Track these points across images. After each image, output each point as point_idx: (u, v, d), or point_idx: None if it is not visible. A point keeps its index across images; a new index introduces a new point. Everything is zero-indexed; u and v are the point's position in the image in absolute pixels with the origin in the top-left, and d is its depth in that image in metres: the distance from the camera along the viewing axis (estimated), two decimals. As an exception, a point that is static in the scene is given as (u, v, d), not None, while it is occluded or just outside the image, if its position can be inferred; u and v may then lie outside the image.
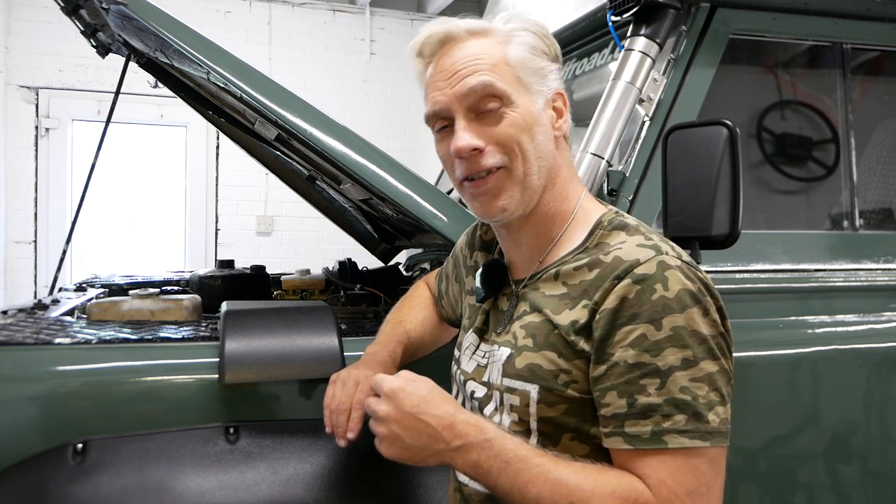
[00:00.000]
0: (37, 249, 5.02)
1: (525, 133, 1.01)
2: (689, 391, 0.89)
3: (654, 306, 0.91)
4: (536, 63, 1.04)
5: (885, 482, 1.64)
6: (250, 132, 1.93)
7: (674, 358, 0.90)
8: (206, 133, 5.32)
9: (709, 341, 0.91)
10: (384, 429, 0.96)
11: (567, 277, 1.01)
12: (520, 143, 1.01)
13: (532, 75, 1.04)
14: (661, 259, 0.93)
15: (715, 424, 0.89)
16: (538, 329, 1.01)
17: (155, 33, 1.46)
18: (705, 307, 0.92)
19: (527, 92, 1.03)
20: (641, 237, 0.99)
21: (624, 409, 0.91)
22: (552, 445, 0.98)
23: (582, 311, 0.96)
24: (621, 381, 0.91)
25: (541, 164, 1.03)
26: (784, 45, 1.83)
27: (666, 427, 0.89)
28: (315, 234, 5.42)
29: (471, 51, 1.03)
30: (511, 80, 1.02)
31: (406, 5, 6.08)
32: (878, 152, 1.90)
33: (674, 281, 0.92)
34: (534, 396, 0.98)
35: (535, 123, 1.02)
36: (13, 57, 4.95)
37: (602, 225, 1.04)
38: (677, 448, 0.88)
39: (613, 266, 0.95)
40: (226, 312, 1.34)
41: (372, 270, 2.49)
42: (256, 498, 1.18)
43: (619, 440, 0.91)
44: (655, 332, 0.90)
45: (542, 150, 1.03)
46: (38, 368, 1.22)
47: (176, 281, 2.51)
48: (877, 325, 1.71)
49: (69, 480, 1.14)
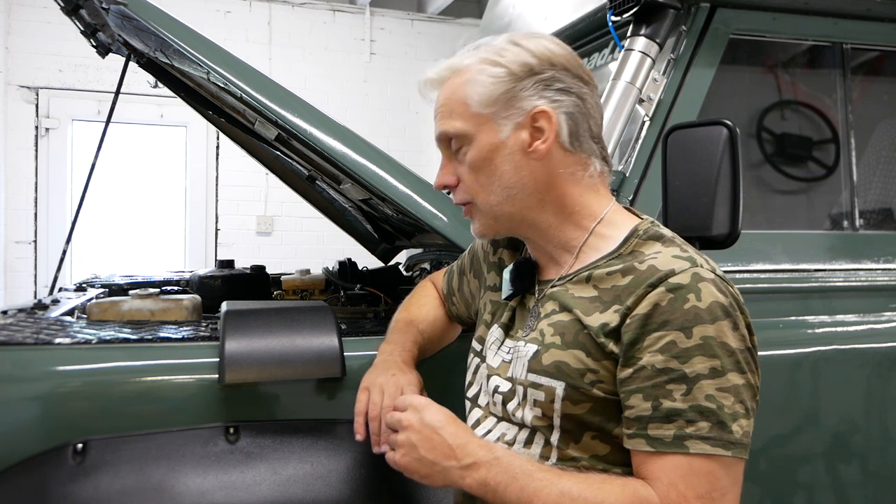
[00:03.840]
0: (37, 249, 5.01)
1: (484, 168, 1.05)
2: (715, 400, 0.90)
3: (685, 315, 0.92)
4: (497, 91, 1.03)
5: (885, 482, 1.64)
6: (250, 132, 1.93)
7: (702, 366, 0.91)
8: (206, 133, 5.32)
9: (737, 354, 0.92)
10: (403, 436, 1.02)
11: (599, 281, 1.02)
12: (478, 180, 1.07)
13: (492, 106, 1.03)
14: (695, 271, 0.95)
15: (738, 436, 0.90)
16: (567, 328, 1.02)
17: (155, 33, 1.46)
18: (735, 321, 0.94)
19: (489, 123, 1.04)
20: (677, 249, 1.01)
21: (648, 412, 0.92)
22: (573, 443, 1.00)
23: (613, 315, 0.97)
24: (648, 385, 0.92)
25: (510, 192, 1.05)
26: (784, 45, 1.83)
27: (689, 432, 0.90)
28: (315, 234, 5.42)
29: (442, 95, 1.09)
30: (469, 117, 1.05)
31: (406, 5, 6.08)
32: (878, 152, 1.90)
33: (707, 293, 0.93)
34: (559, 393, 0.99)
35: (495, 155, 1.05)
36: (13, 57, 4.94)
37: (638, 234, 1.05)
38: (697, 454, 0.90)
39: (648, 274, 0.96)
40: (226, 312, 1.33)
41: (372, 270, 2.49)
42: (256, 498, 1.18)
43: (642, 442, 0.93)
44: (685, 339, 0.91)
45: (508, 178, 1.05)
46: (38, 368, 1.22)
47: (176, 281, 2.50)
48: (877, 325, 1.71)
49: (69, 480, 1.14)
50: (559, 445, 1.00)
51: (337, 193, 2.34)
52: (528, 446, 1.03)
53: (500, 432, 1.08)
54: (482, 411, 1.13)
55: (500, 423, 1.09)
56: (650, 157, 1.59)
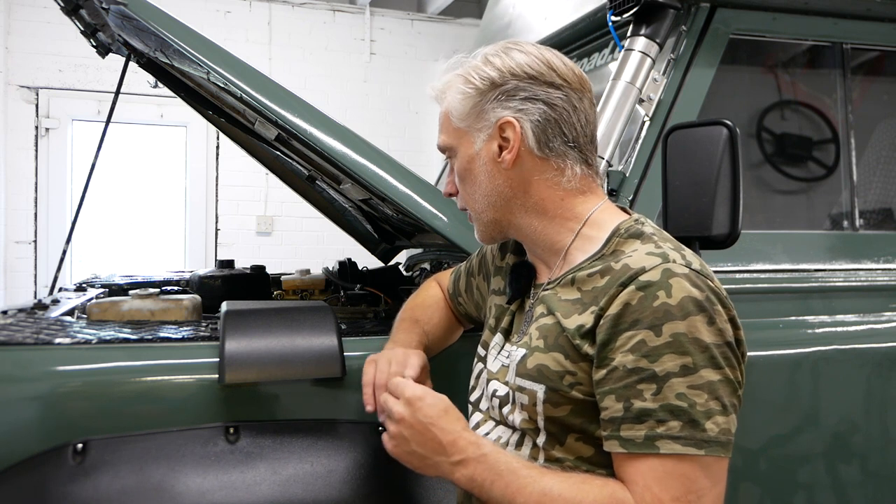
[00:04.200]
0: (37, 249, 5.01)
1: (466, 178, 1.12)
2: (686, 398, 0.89)
3: (655, 313, 0.91)
4: (465, 106, 1.08)
5: (885, 482, 1.64)
6: (250, 132, 1.93)
7: (672, 364, 0.90)
8: (206, 133, 5.32)
9: (711, 349, 0.91)
10: (395, 429, 1.03)
11: (581, 283, 1.03)
12: (463, 189, 1.14)
13: (466, 119, 1.09)
14: (666, 266, 0.94)
15: (713, 433, 0.89)
16: (549, 331, 1.03)
17: (155, 33, 1.46)
18: (711, 316, 0.92)
19: (465, 136, 1.10)
20: (652, 245, 0.99)
21: (620, 413, 0.92)
22: (559, 445, 1.01)
23: (589, 317, 0.98)
24: (619, 386, 0.92)
25: (490, 201, 1.10)
26: (784, 45, 1.83)
27: (659, 433, 0.89)
28: (315, 234, 5.42)
29: (441, 110, 1.14)
30: (451, 131, 1.11)
31: (406, 5, 6.08)
32: (878, 152, 1.90)
33: (678, 288, 0.92)
34: (540, 396, 1.00)
35: (472, 165, 1.10)
36: (13, 57, 4.94)
37: (619, 233, 1.04)
38: (669, 454, 0.89)
39: (621, 273, 0.96)
40: (226, 312, 1.33)
41: (372, 270, 2.49)
42: (256, 498, 1.18)
43: (616, 444, 0.93)
44: (655, 338, 0.91)
45: (485, 187, 1.09)
46: (38, 368, 1.22)
47: (176, 281, 2.50)
48: (877, 325, 1.71)
49: (69, 480, 1.14)
50: (545, 447, 1.01)
51: (337, 193, 2.34)
52: (520, 448, 1.05)
53: (496, 435, 1.09)
54: (483, 415, 1.14)
55: (497, 426, 1.10)
56: (650, 157, 1.59)
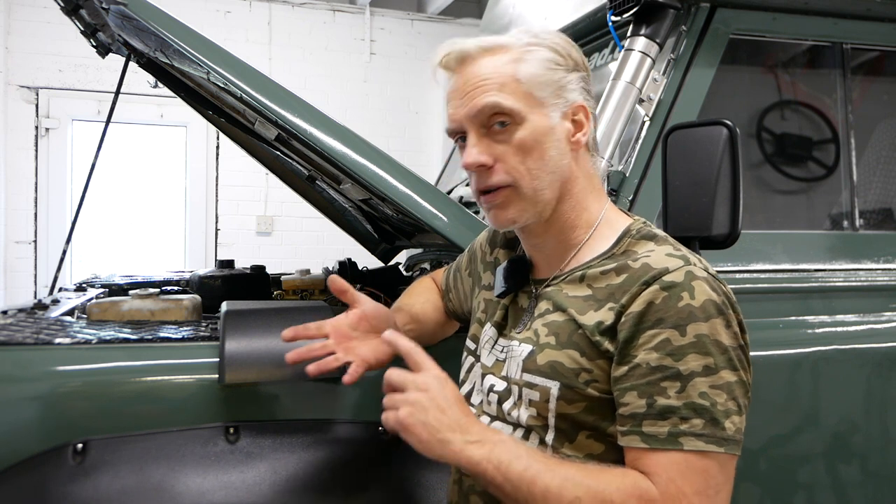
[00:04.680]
0: (37, 249, 5.01)
1: (534, 150, 1.03)
2: (709, 397, 0.91)
3: (679, 313, 0.93)
4: (551, 77, 1.04)
5: (885, 482, 1.64)
6: (250, 132, 1.93)
7: (696, 364, 0.92)
8: (206, 133, 5.32)
9: (730, 352, 0.93)
10: (416, 395, 0.96)
11: (593, 280, 1.03)
12: (526, 162, 1.04)
13: (545, 90, 1.04)
14: (689, 269, 0.96)
15: (730, 432, 0.91)
16: (561, 328, 1.03)
17: (155, 33, 1.46)
18: (728, 319, 0.95)
19: (540, 107, 1.04)
20: (671, 247, 1.02)
21: (643, 409, 0.93)
22: (568, 442, 1.01)
23: (608, 313, 0.98)
24: (642, 382, 0.93)
25: (552, 178, 1.05)
26: (784, 45, 1.83)
27: (683, 429, 0.91)
28: (315, 234, 5.42)
29: (482, 69, 1.04)
30: (521, 96, 1.03)
31: (406, 5, 6.08)
32: (878, 152, 1.90)
33: (700, 291, 0.94)
34: (554, 393, 1.00)
35: (546, 139, 1.04)
36: (13, 57, 4.94)
37: (630, 233, 1.06)
38: (692, 450, 0.91)
39: (642, 272, 0.97)
40: (226, 312, 1.33)
41: (372, 270, 2.49)
42: (256, 498, 1.18)
43: (636, 439, 0.94)
44: (680, 337, 0.92)
45: (554, 164, 1.05)
46: (38, 368, 1.22)
47: (176, 281, 2.50)
48: (877, 325, 1.71)
49: (69, 480, 1.14)
50: (554, 444, 1.01)
51: (337, 193, 2.34)
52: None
53: None
54: (475, 409, 1.14)
55: (493, 422, 1.10)
56: (650, 157, 1.59)
